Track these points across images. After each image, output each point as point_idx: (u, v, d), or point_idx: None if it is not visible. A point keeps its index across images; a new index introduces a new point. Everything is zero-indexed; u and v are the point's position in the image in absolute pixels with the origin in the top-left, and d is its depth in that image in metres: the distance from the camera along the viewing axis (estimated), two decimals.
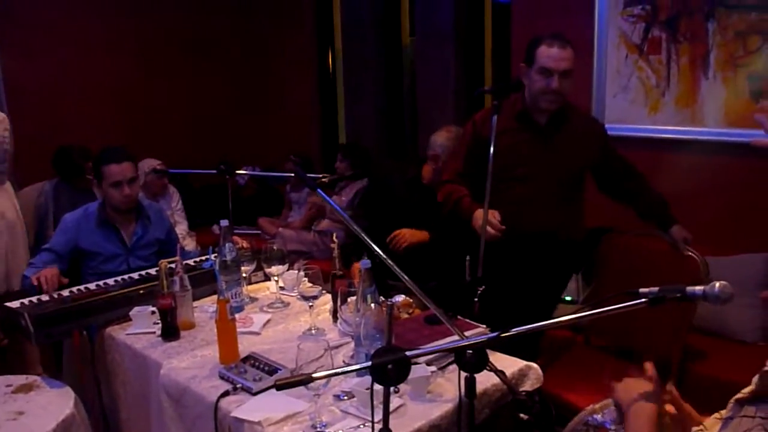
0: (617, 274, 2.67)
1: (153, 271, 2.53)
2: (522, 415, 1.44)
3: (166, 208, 4.06)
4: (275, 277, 2.38)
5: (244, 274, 2.42)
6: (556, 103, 2.43)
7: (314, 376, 1.25)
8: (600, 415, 1.51)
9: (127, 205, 2.68)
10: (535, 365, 1.88)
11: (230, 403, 1.68)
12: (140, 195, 2.85)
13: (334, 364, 1.60)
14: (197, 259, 2.67)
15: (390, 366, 1.20)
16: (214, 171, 4.00)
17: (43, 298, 2.27)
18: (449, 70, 4.23)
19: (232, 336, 1.91)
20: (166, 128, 4.97)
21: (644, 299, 1.30)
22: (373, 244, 1.75)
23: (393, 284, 1.82)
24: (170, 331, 2.11)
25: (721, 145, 2.95)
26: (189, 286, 2.19)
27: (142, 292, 2.33)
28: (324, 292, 2.21)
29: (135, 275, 2.51)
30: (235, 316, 1.94)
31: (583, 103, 3.15)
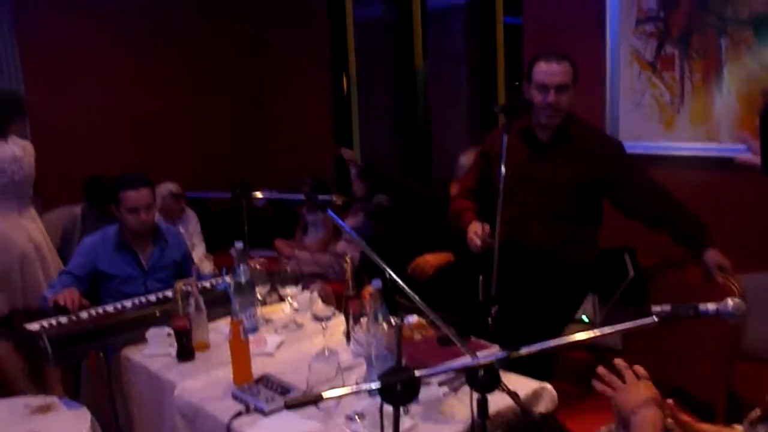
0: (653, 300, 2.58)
1: (169, 293, 2.56)
2: None
3: (183, 231, 4.11)
4: (289, 299, 2.39)
5: (259, 296, 2.44)
6: (554, 117, 2.43)
7: (323, 395, 1.25)
8: None
9: (143, 230, 2.72)
10: (550, 386, 1.86)
11: (243, 424, 1.68)
12: (158, 218, 2.90)
13: (347, 385, 1.60)
14: (212, 281, 2.70)
15: (398, 385, 1.20)
16: (228, 193, 4.06)
17: (62, 319, 2.31)
18: (462, 91, 4.26)
19: (245, 356, 1.92)
20: (183, 152, 5.05)
21: (655, 317, 1.29)
22: (386, 266, 1.75)
23: (403, 303, 1.81)
24: (185, 352, 2.13)
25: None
26: (204, 308, 2.21)
27: (158, 313, 2.36)
28: (337, 313, 2.21)
29: (151, 297, 2.54)
30: (248, 337, 1.96)
31: (596, 121, 3.15)
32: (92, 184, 4.02)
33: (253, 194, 4.32)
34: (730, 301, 1.24)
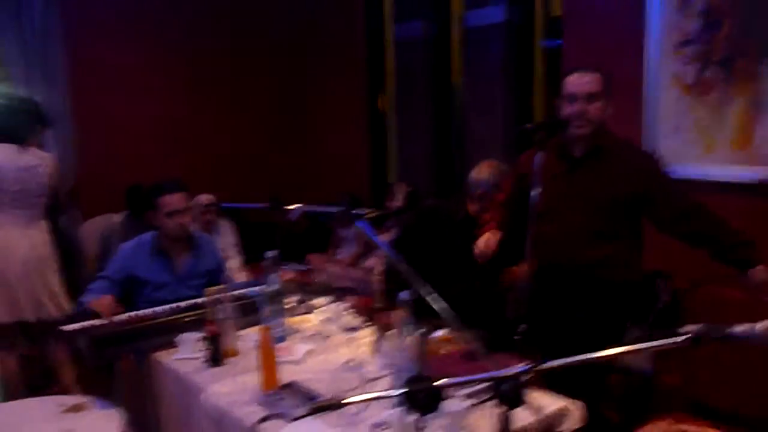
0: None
1: (200, 301, 2.61)
2: None
3: (219, 242, 4.18)
4: (318, 309, 2.41)
5: (288, 306, 2.47)
6: (584, 128, 2.37)
7: (343, 402, 1.26)
8: None
9: (181, 234, 2.79)
10: (580, 404, 1.82)
11: (267, 429, 1.70)
12: (193, 228, 2.96)
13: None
14: (243, 290, 2.74)
15: (420, 393, 1.21)
16: (265, 205, 4.12)
17: (97, 323, 2.38)
18: (499, 110, 4.26)
19: (272, 363, 1.94)
20: (222, 166, 5.16)
21: (686, 337, 1.26)
22: (415, 281, 1.76)
23: (428, 315, 1.81)
24: (215, 358, 2.17)
25: None
26: (234, 315, 2.24)
27: (188, 319, 2.41)
28: (365, 324, 2.23)
29: (183, 303, 2.59)
30: (276, 345, 1.98)
31: (634, 143, 3.11)
32: (133, 193, 4.12)
33: (287, 208, 4.37)
34: (758, 325, 1.21)
